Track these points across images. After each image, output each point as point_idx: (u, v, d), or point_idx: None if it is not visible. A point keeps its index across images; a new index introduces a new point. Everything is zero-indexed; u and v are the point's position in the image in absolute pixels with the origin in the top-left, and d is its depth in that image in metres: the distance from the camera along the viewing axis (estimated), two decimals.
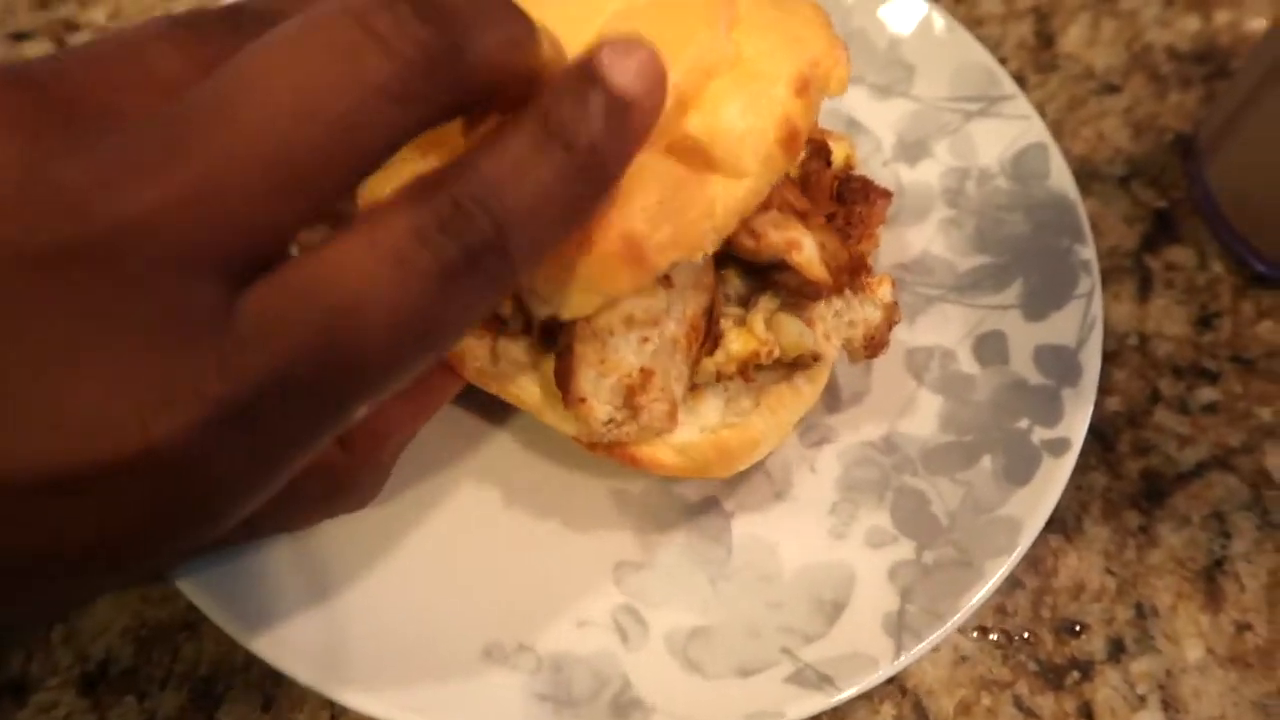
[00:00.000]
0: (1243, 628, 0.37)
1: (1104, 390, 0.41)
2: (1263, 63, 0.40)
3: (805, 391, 0.33)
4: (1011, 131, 0.43)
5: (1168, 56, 0.50)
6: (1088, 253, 0.39)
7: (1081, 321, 0.38)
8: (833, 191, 0.35)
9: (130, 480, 0.19)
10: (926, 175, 0.43)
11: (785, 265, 0.30)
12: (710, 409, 0.32)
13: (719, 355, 0.31)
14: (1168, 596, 0.37)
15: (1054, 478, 0.35)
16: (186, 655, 0.35)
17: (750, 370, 0.32)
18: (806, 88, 0.29)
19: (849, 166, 0.37)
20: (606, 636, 0.33)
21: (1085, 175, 0.46)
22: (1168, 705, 0.35)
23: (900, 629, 0.32)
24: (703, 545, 0.35)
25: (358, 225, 0.20)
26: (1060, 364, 0.37)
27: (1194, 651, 0.36)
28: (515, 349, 0.31)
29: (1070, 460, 0.35)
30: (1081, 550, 0.38)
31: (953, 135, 0.43)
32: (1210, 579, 0.38)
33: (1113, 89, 0.49)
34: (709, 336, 0.31)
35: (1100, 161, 0.47)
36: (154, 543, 0.20)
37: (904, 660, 0.31)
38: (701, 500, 0.36)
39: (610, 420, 0.30)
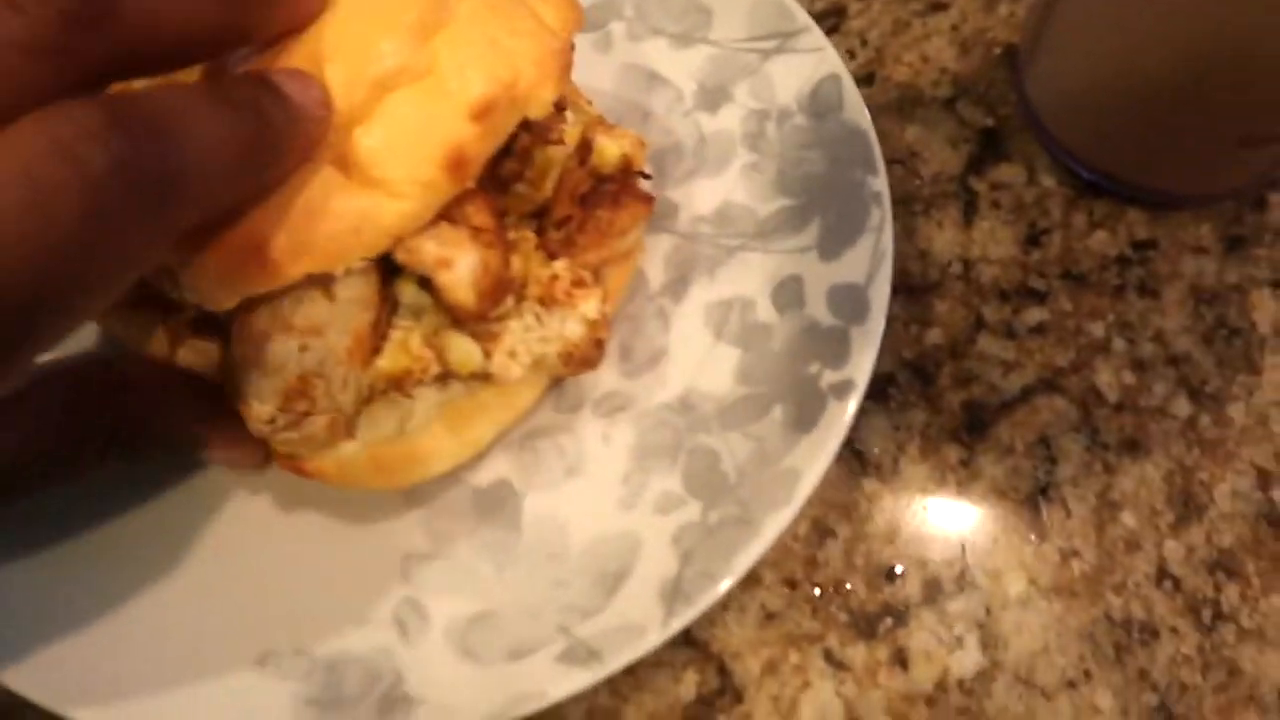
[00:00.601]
0: (1068, 555, 0.35)
1: (924, 323, 0.40)
2: None
3: (495, 409, 0.33)
4: (806, 65, 0.41)
5: None
6: (879, 184, 0.37)
7: (872, 256, 0.36)
8: (575, 193, 0.33)
9: None
10: (728, 122, 0.42)
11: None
12: (383, 421, 0.31)
13: (368, 372, 0.30)
14: (989, 530, 0.36)
15: (836, 422, 0.33)
16: None
17: (407, 387, 0.31)
18: (489, 112, 0.28)
19: (626, 165, 0.35)
20: (385, 633, 0.32)
21: (908, 102, 0.44)
22: (987, 644, 0.34)
23: (674, 595, 0.31)
24: (491, 530, 0.34)
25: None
26: (851, 302, 0.36)
27: (1015, 585, 0.35)
28: (200, 344, 0.31)
29: (853, 402, 0.34)
30: (898, 492, 0.37)
31: (752, 76, 0.42)
32: (1034, 508, 0.36)
33: (939, 7, 0.47)
34: (375, 351, 0.30)
35: (924, 85, 0.45)
36: None
37: (674, 626, 0.31)
38: (492, 484, 0.35)
39: (272, 421, 0.29)
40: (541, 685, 0.30)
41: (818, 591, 0.35)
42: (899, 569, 0.35)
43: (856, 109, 0.39)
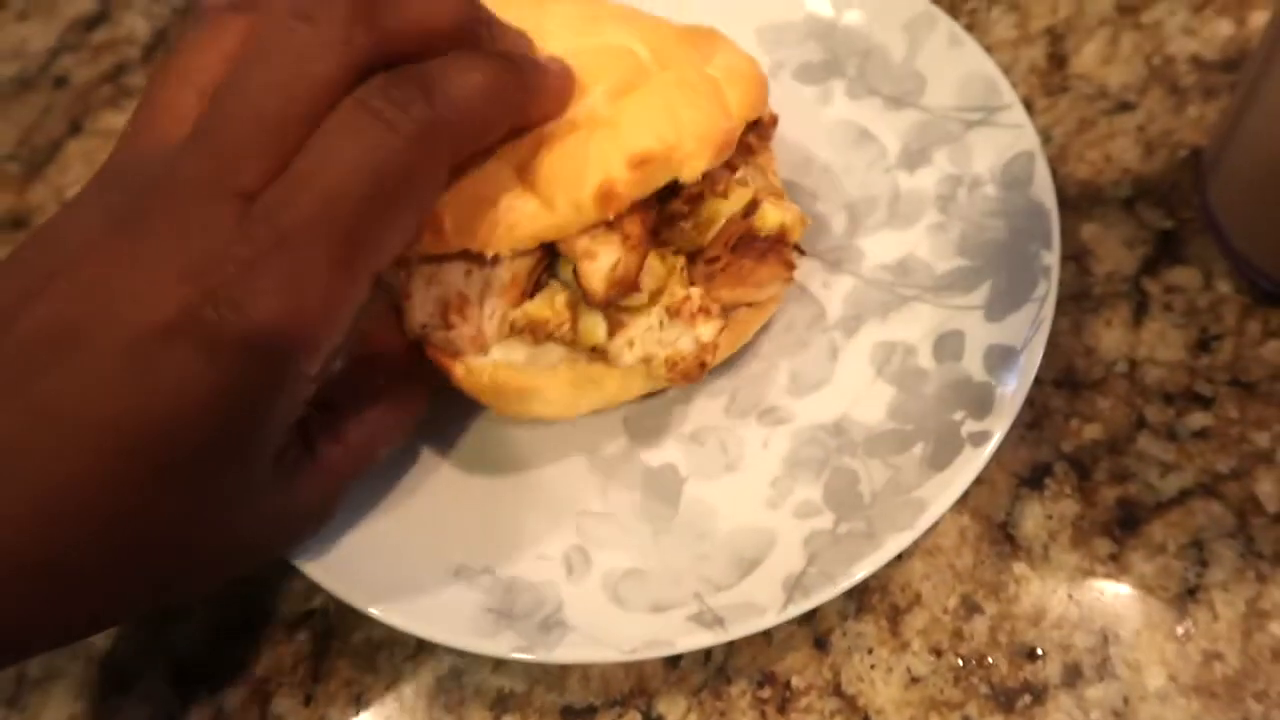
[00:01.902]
0: (1212, 657, 0.36)
1: (1085, 418, 0.41)
2: (1258, 57, 0.39)
3: (605, 388, 0.39)
4: (1005, 139, 0.44)
5: (1192, 66, 0.48)
6: (1050, 258, 0.41)
7: (1031, 323, 0.40)
8: (730, 241, 0.39)
9: (193, 342, 0.27)
10: (924, 182, 0.46)
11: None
12: (514, 353, 0.38)
13: (517, 310, 0.37)
14: (1133, 624, 0.37)
15: (968, 466, 0.37)
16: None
17: (540, 335, 0.37)
18: (644, 164, 0.35)
19: (781, 233, 0.41)
20: (555, 569, 0.39)
21: (1086, 199, 0.45)
22: None
23: (795, 587, 0.36)
24: (654, 503, 0.41)
25: (325, 122, 0.30)
26: (1004, 363, 0.39)
27: (1155, 679, 0.36)
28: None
29: (987, 450, 0.37)
30: (1046, 577, 0.38)
31: (953, 144, 0.46)
32: (1181, 607, 0.37)
33: (1126, 107, 0.48)
34: (525, 296, 0.37)
35: (1105, 184, 0.46)
36: (248, 401, 0.29)
37: (789, 613, 0.36)
38: (662, 466, 0.42)
39: (425, 325, 0.37)
40: (673, 637, 0.36)
41: (961, 662, 0.37)
42: (1041, 650, 0.37)
43: (1044, 187, 0.42)
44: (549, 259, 0.38)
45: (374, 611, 0.37)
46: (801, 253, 0.43)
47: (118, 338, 0.27)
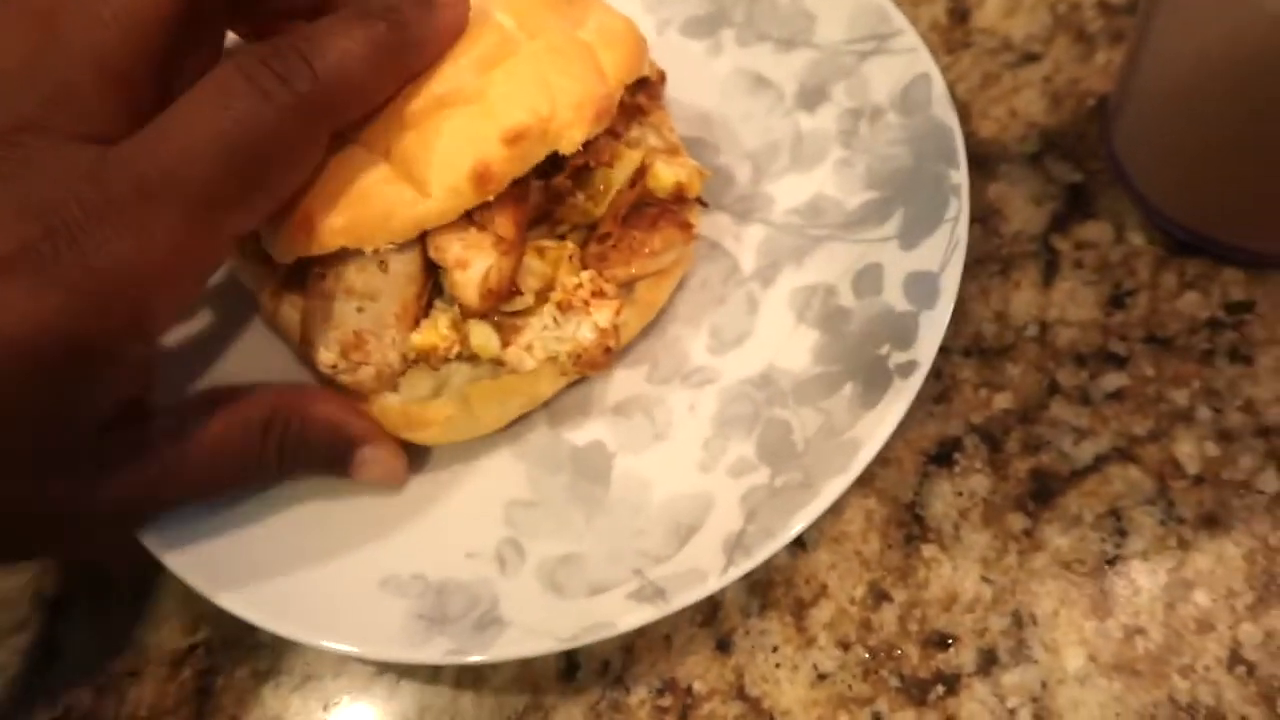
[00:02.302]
0: (1133, 632, 0.34)
1: (995, 387, 0.39)
2: None
3: (517, 394, 0.38)
4: (899, 65, 0.43)
5: (1098, 11, 0.47)
6: (958, 177, 0.39)
7: (947, 245, 0.38)
8: (620, 212, 0.38)
9: (30, 273, 0.26)
10: (825, 120, 0.44)
11: None
12: (419, 385, 0.37)
13: (406, 344, 0.36)
14: (1049, 603, 0.35)
15: (898, 399, 0.36)
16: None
17: (434, 361, 0.36)
18: (520, 140, 0.33)
19: (679, 192, 0.39)
20: (488, 566, 0.37)
21: (992, 158, 0.44)
22: (1040, 718, 0.33)
23: (735, 547, 0.35)
24: (584, 484, 0.39)
25: (200, 81, 0.29)
26: (923, 289, 0.38)
27: (1074, 660, 0.34)
28: (293, 298, 0.38)
29: (916, 381, 0.36)
30: (957, 559, 0.36)
31: (849, 77, 0.44)
32: (1099, 582, 0.35)
33: (1031, 58, 0.46)
34: (418, 322, 0.36)
35: (1011, 140, 0.44)
36: (83, 349, 0.27)
37: (731, 574, 0.34)
38: (588, 444, 0.40)
39: (334, 367, 0.35)
40: (613, 618, 0.34)
41: (869, 655, 0.35)
42: (953, 637, 0.35)
43: (943, 106, 0.41)
44: (433, 278, 0.36)
45: (293, 634, 0.35)
46: (705, 205, 0.41)
47: None
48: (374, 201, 0.33)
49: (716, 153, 0.45)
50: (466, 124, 0.34)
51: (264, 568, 0.37)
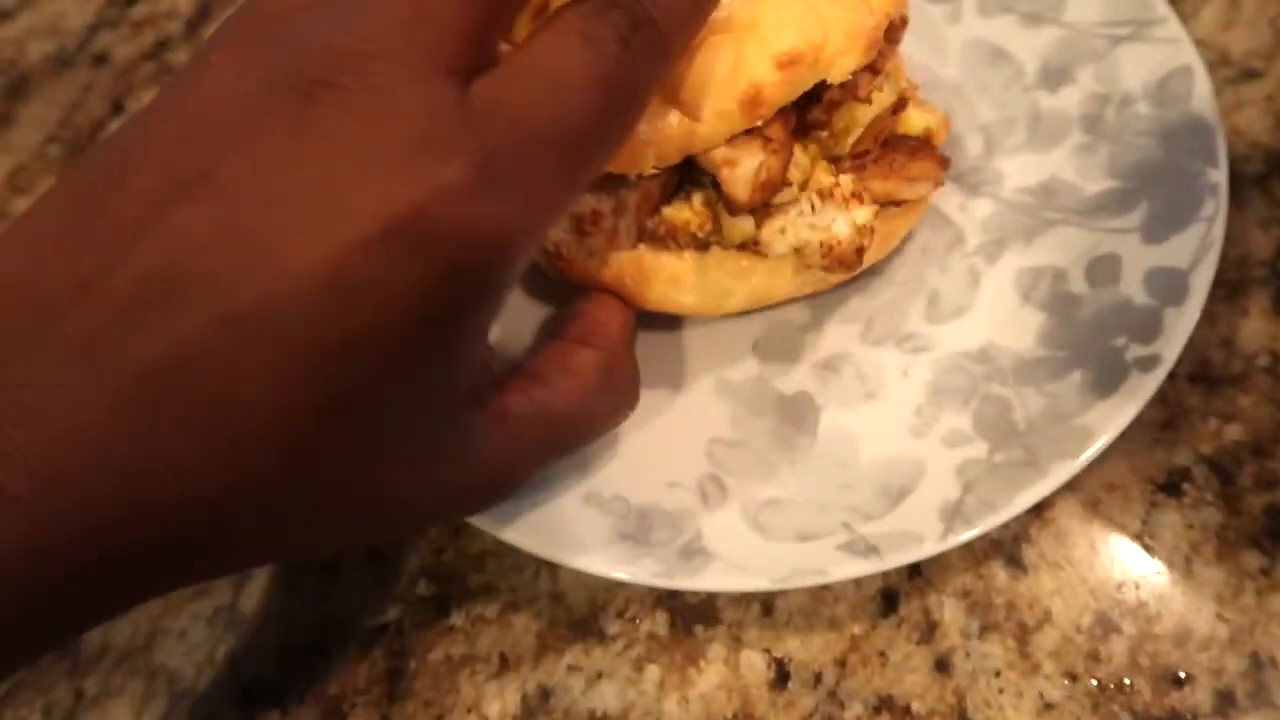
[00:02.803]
0: None
1: (1225, 418, 0.38)
2: None
3: (752, 283, 0.37)
4: (1158, 55, 0.42)
5: None
6: (1218, 175, 0.38)
7: (1200, 244, 0.37)
8: (880, 136, 0.38)
9: (413, 249, 0.23)
10: (1067, 102, 0.43)
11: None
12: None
13: (655, 217, 0.36)
14: None
15: (1137, 392, 0.35)
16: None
17: (682, 238, 0.36)
18: (792, 65, 0.33)
19: (927, 136, 0.39)
20: (690, 497, 0.37)
21: None
22: None
23: (954, 515, 0.34)
24: (790, 431, 0.39)
25: (541, 27, 0.27)
26: (1169, 285, 0.37)
27: None
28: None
29: (1158, 376, 0.35)
30: (1190, 595, 0.35)
31: (1098, 61, 0.43)
32: None
33: (1252, 74, 0.44)
34: (660, 205, 0.36)
35: (1234, 159, 0.42)
36: (453, 317, 0.25)
37: (950, 541, 0.34)
38: (795, 394, 0.40)
39: (558, 242, 0.36)
40: (826, 566, 0.34)
41: (1099, 687, 0.34)
42: (1187, 674, 0.34)
43: (1206, 103, 0.40)
44: (683, 167, 0.36)
45: (509, 536, 0.36)
46: (946, 162, 0.40)
47: (316, 249, 0.23)
48: (641, 128, 0.33)
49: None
50: (737, 50, 0.33)
51: None
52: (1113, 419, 0.35)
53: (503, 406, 0.31)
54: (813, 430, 0.39)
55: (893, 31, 0.41)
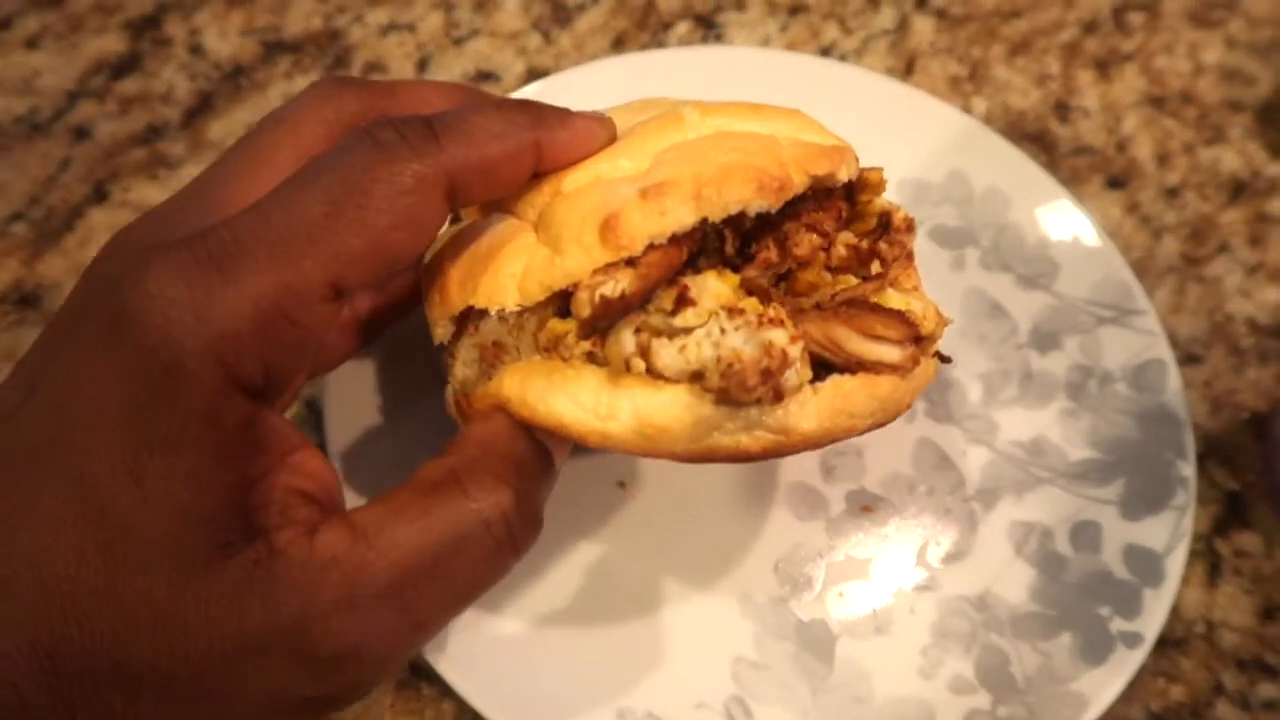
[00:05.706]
0: None
1: (1170, 677, 0.43)
2: None
3: (636, 395, 0.31)
4: (1137, 343, 0.48)
5: (1249, 328, 0.51)
6: (1188, 470, 0.44)
7: (1173, 531, 0.43)
8: (834, 265, 0.35)
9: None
10: (1055, 365, 0.49)
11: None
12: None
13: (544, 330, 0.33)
14: None
15: (1124, 666, 0.40)
16: None
17: (563, 349, 0.32)
18: (659, 194, 0.30)
19: (913, 329, 0.34)
20: (716, 718, 0.39)
21: None
22: None
23: None
24: (809, 659, 0.41)
25: None
26: (1147, 565, 0.42)
27: None
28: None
29: (1141, 653, 0.40)
30: None
31: (1084, 335, 0.49)
32: None
33: (1194, 359, 0.50)
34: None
35: None
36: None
37: None
38: (812, 620, 0.42)
39: (465, 380, 0.35)
40: None
41: None
42: None
43: (1177, 398, 0.46)
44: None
45: None
46: (947, 360, 0.37)
47: None
48: (507, 263, 0.32)
49: (953, 365, 0.49)
50: (616, 187, 0.32)
51: (512, 670, 0.38)
52: (1104, 691, 0.39)
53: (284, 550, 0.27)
54: (829, 660, 0.41)
55: (894, 235, 0.36)
